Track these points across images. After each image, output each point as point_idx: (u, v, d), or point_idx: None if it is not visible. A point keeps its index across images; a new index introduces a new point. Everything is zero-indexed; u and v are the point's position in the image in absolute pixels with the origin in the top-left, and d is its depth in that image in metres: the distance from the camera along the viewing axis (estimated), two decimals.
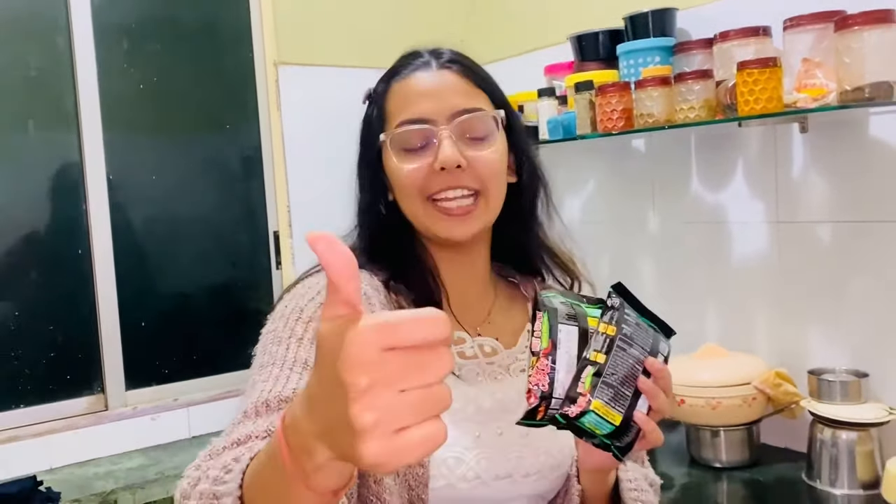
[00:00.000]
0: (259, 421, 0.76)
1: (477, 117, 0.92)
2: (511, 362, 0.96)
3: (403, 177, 0.91)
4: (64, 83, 2.07)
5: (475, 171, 0.91)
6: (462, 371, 0.92)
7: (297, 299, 0.89)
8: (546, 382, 0.79)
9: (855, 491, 1.50)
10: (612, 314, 0.82)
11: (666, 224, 2.00)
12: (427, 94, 0.92)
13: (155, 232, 2.22)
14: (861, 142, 1.58)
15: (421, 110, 0.91)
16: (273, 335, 0.87)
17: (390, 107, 0.94)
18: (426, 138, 0.91)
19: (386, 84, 0.96)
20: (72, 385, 2.09)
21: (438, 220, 0.91)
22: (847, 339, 1.64)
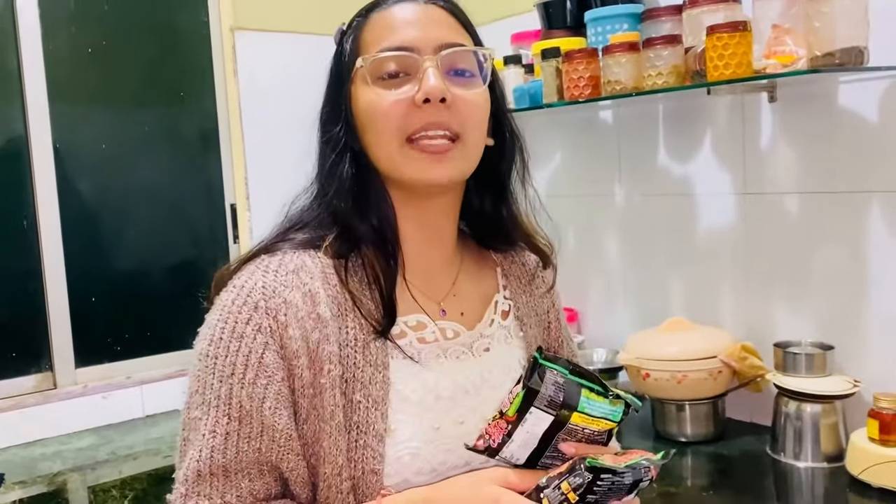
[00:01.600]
0: (227, 490, 0.78)
1: (464, 52, 0.84)
2: (474, 341, 0.90)
3: (380, 112, 0.82)
4: (6, 47, 1.97)
5: (458, 111, 0.82)
6: (421, 356, 0.85)
7: (233, 318, 0.80)
8: (497, 441, 0.78)
9: (819, 464, 1.49)
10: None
11: (632, 196, 1.97)
12: (412, 23, 0.84)
13: (106, 204, 2.13)
14: (830, 111, 1.56)
15: (404, 38, 0.83)
16: (214, 365, 0.79)
17: (368, 37, 0.85)
18: (409, 67, 0.82)
19: (363, 17, 0.87)
20: (18, 363, 2.01)
21: (414, 161, 0.82)
22: (813, 311, 1.62)
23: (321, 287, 0.82)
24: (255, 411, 0.78)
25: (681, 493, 1.41)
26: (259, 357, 0.78)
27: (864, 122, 1.51)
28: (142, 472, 1.73)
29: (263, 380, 0.78)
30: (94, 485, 1.68)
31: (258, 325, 0.79)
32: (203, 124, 2.28)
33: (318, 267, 0.83)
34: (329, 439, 0.79)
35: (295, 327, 0.79)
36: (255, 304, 0.79)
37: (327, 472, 0.80)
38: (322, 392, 0.79)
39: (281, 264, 0.82)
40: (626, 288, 2.01)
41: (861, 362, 1.54)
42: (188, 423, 0.81)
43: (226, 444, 0.78)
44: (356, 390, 0.80)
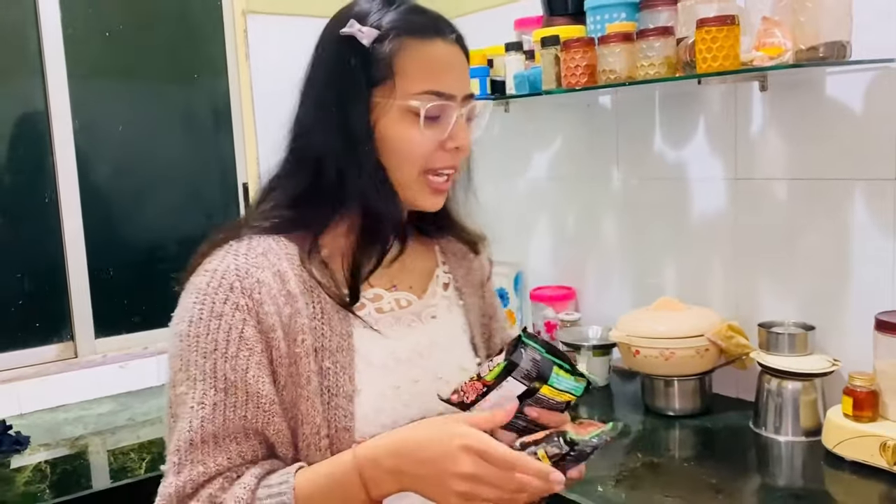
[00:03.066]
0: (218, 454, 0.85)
1: (475, 104, 0.96)
2: (422, 310, 1.01)
3: (412, 144, 0.90)
4: (27, 29, 2.05)
5: (465, 154, 0.96)
6: (379, 325, 0.95)
7: (210, 299, 0.87)
8: (471, 398, 0.88)
9: (798, 438, 1.57)
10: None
11: (628, 180, 2.04)
12: (452, 70, 0.92)
13: (123, 181, 2.22)
14: (817, 101, 1.61)
15: (448, 85, 0.91)
16: (196, 343, 0.86)
17: (408, 67, 0.90)
18: (445, 113, 0.91)
19: (397, 35, 0.90)
20: (41, 333, 2.11)
21: (426, 194, 0.94)
22: (797, 293, 1.69)
23: (288, 267, 0.90)
24: (239, 381, 0.85)
25: (664, 463, 1.49)
26: (239, 332, 0.86)
27: (850, 112, 1.57)
28: (158, 437, 1.82)
29: (245, 352, 0.86)
30: (114, 448, 1.78)
31: (235, 303, 0.86)
32: (216, 105, 2.35)
33: (282, 250, 0.91)
34: (307, 403, 0.88)
35: (269, 304, 0.87)
36: (230, 285, 0.87)
37: (306, 432, 0.89)
38: (297, 360, 0.88)
39: (249, 248, 0.90)
40: (621, 268, 2.09)
41: (840, 342, 1.61)
42: (175, 400, 0.88)
43: (214, 413, 0.85)
44: (325, 358, 0.90)
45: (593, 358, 1.91)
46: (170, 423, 0.89)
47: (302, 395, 0.88)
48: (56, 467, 1.67)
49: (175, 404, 0.88)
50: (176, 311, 0.91)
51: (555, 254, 2.28)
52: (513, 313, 2.39)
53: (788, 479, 1.48)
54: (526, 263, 2.37)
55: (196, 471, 0.84)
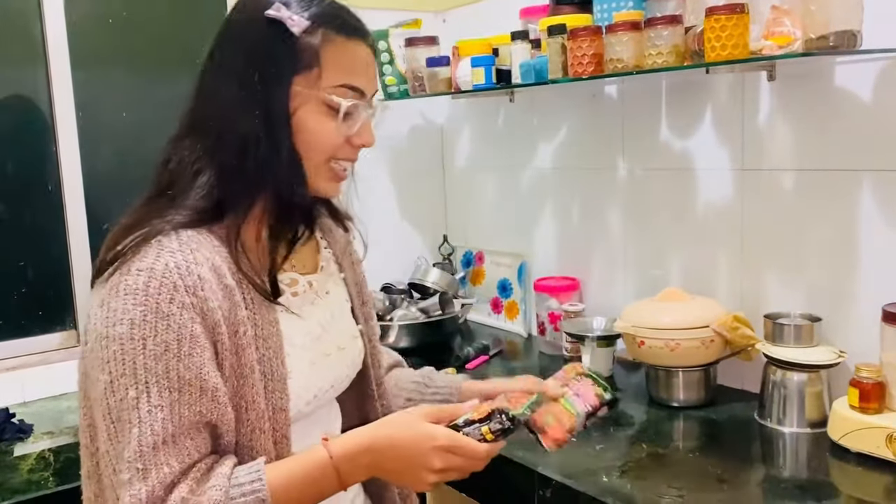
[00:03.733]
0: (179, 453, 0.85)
1: (377, 105, 1.03)
2: (319, 287, 1.08)
3: (322, 134, 0.95)
4: (30, 17, 2.03)
5: (367, 148, 1.02)
6: (295, 307, 1.01)
7: (153, 300, 0.85)
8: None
9: (803, 429, 1.56)
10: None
11: (634, 170, 2.03)
12: (368, 70, 0.99)
13: (126, 169, 2.21)
14: (826, 91, 1.60)
15: (362, 83, 0.98)
16: (144, 347, 0.85)
17: (330, 61, 0.95)
18: (357, 111, 0.98)
19: (326, 30, 0.95)
20: (44, 321, 2.11)
21: (327, 181, 1.00)
22: (803, 284, 1.68)
23: (221, 261, 0.92)
24: (194, 379, 0.86)
25: (669, 454, 1.49)
26: (190, 331, 0.86)
27: (859, 103, 1.55)
28: None
29: (198, 350, 0.87)
30: None
31: (181, 302, 0.86)
32: None
33: (210, 243, 0.93)
34: (252, 390, 0.92)
35: (212, 300, 0.89)
36: (173, 284, 0.86)
37: (251, 417, 0.92)
38: (241, 351, 0.91)
39: (181, 244, 0.89)
40: (626, 258, 2.08)
41: (847, 334, 1.60)
42: (119, 406, 0.85)
43: (171, 414, 0.85)
44: (261, 346, 0.94)
45: (597, 349, 1.91)
46: (109, 430, 0.86)
47: (247, 383, 0.92)
48: (59, 455, 1.67)
49: (120, 409, 0.85)
50: (100, 311, 0.87)
51: (559, 244, 2.27)
52: (516, 304, 2.39)
53: (793, 470, 1.47)
54: (530, 254, 2.36)
55: (162, 472, 0.84)
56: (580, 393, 1.12)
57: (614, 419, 1.70)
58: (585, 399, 1.12)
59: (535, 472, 1.44)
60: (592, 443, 1.53)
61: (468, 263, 2.56)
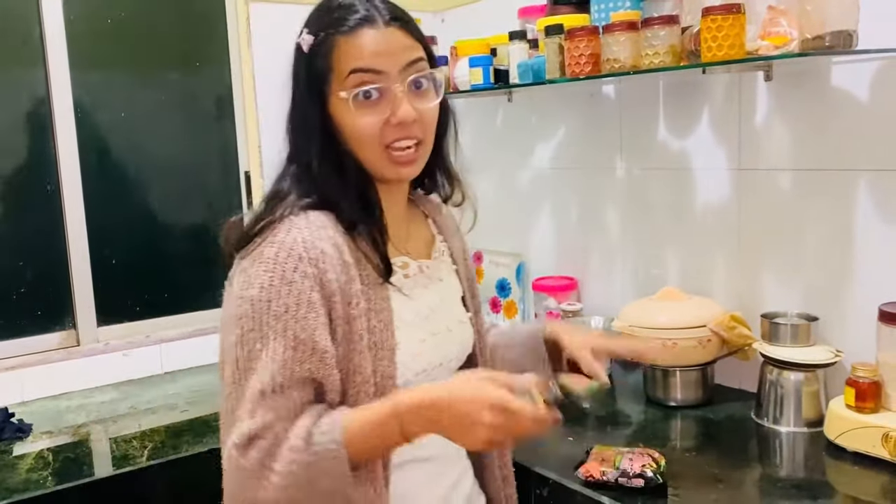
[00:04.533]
0: (284, 401, 0.96)
1: (423, 73, 1.05)
2: (433, 273, 1.16)
3: (362, 128, 1.02)
4: (29, 16, 2.04)
5: (422, 123, 1.05)
6: (406, 288, 1.10)
7: (281, 268, 0.97)
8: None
9: (799, 428, 1.57)
10: None
11: (632, 170, 2.03)
12: (379, 52, 1.01)
13: (125, 169, 2.22)
14: (823, 91, 1.60)
15: (375, 63, 1.01)
16: (269, 307, 0.97)
17: (339, 61, 1.02)
18: (381, 90, 1.01)
19: (329, 36, 1.03)
20: (43, 320, 2.11)
21: (391, 166, 1.05)
22: (800, 283, 1.69)
23: (342, 240, 1.02)
24: (308, 339, 0.97)
25: (666, 454, 1.48)
26: (308, 297, 0.97)
27: (855, 103, 1.56)
28: (160, 426, 1.82)
29: (312, 314, 0.97)
30: (116, 436, 1.78)
31: (304, 272, 0.98)
32: (219, 93, 2.35)
33: (334, 224, 1.03)
34: (360, 356, 1.01)
35: (331, 272, 0.99)
36: (298, 256, 0.98)
37: (357, 381, 1.02)
38: (352, 321, 1.01)
39: (309, 222, 1.01)
40: (623, 258, 2.08)
41: (843, 333, 1.61)
42: (246, 356, 0.97)
43: (283, 367, 0.96)
44: (373, 319, 1.03)
45: None
46: (235, 376, 0.98)
47: (355, 349, 1.01)
48: (58, 455, 1.67)
49: (246, 359, 0.97)
50: (239, 277, 1.01)
51: (557, 244, 2.28)
52: (515, 303, 2.39)
53: (790, 469, 1.48)
54: (528, 254, 2.37)
55: (268, 416, 0.95)
56: None
57: (612, 418, 1.71)
58: None
59: (531, 470, 1.44)
60: (590, 441, 1.53)
61: None
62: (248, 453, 0.94)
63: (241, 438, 0.95)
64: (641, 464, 1.35)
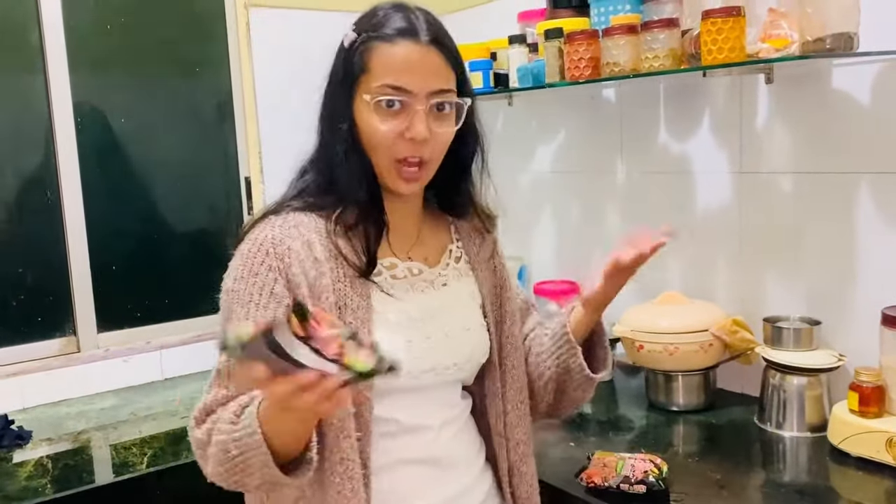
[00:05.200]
0: (231, 386, 1.02)
1: (448, 101, 1.06)
2: (435, 278, 1.15)
3: (377, 134, 1.05)
4: (28, 21, 2.04)
5: (433, 144, 1.06)
6: (393, 290, 1.10)
7: (250, 261, 1.05)
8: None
9: (803, 433, 1.56)
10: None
11: (632, 174, 2.02)
12: (412, 69, 1.03)
13: (126, 175, 2.21)
14: (824, 93, 1.60)
15: (405, 81, 1.03)
16: (236, 296, 1.04)
17: (374, 65, 1.04)
18: (404, 104, 1.04)
19: (370, 38, 1.05)
20: (44, 327, 2.11)
21: (395, 179, 1.07)
22: (803, 287, 1.68)
23: (316, 238, 1.06)
24: None
25: (668, 459, 1.47)
26: (271, 288, 1.03)
27: (857, 105, 1.55)
28: (160, 432, 1.82)
29: (274, 304, 1.02)
30: (116, 443, 1.78)
31: (269, 265, 1.04)
32: (219, 98, 2.34)
33: (312, 224, 1.08)
34: None
35: (296, 266, 1.04)
36: (266, 251, 1.04)
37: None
38: None
39: (284, 221, 1.07)
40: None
41: (846, 337, 1.60)
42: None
43: None
44: (347, 315, 1.05)
45: None
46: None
47: None
48: (58, 462, 1.66)
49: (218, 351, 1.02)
50: (226, 273, 1.08)
51: (558, 248, 2.27)
52: None
53: (793, 474, 1.47)
54: (529, 257, 2.36)
55: (221, 393, 1.02)
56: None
57: (613, 423, 1.70)
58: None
59: None
60: (591, 447, 1.52)
61: None
62: (200, 426, 1.02)
63: (197, 412, 1.03)
64: (643, 470, 1.34)
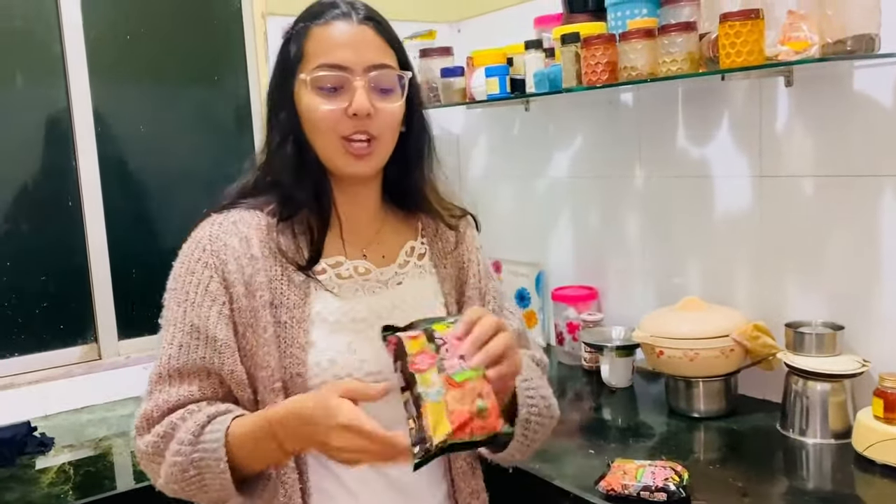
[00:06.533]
0: (181, 387, 1.02)
1: (387, 74, 1.05)
2: (389, 277, 1.13)
3: (319, 115, 1.03)
4: (49, 31, 2.06)
5: (379, 120, 1.04)
6: (339, 290, 1.08)
7: (188, 259, 1.06)
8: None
9: (826, 440, 1.54)
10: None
11: (651, 178, 2.01)
12: (347, 45, 1.03)
13: (145, 183, 2.23)
14: (845, 95, 1.58)
15: (341, 58, 1.02)
16: (174, 294, 1.05)
17: (310, 48, 1.04)
18: (342, 83, 1.03)
19: (306, 26, 1.05)
20: (65, 335, 2.12)
21: (346, 158, 1.05)
22: (825, 292, 1.66)
23: (255, 235, 1.06)
24: (202, 326, 1.02)
25: (689, 466, 1.46)
26: (206, 286, 1.03)
27: (878, 107, 1.53)
28: None
29: (209, 301, 1.03)
30: None
31: (205, 262, 1.04)
32: (237, 106, 2.36)
33: (254, 220, 1.08)
34: (263, 349, 1.03)
35: (233, 263, 1.04)
36: (203, 248, 1.05)
37: (263, 375, 1.02)
38: (256, 312, 1.03)
39: (225, 218, 1.08)
40: (644, 267, 2.06)
41: (870, 342, 1.58)
42: (159, 341, 1.06)
43: (179, 352, 1.02)
44: (283, 313, 1.04)
45: (616, 359, 1.89)
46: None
47: (259, 342, 1.03)
48: (80, 468, 1.68)
49: (159, 345, 1.05)
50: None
51: (577, 253, 2.26)
52: (534, 313, 2.37)
53: (817, 482, 1.45)
54: (547, 263, 2.35)
55: (161, 398, 1.01)
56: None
57: (633, 430, 1.68)
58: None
59: (551, 484, 1.43)
60: (611, 454, 1.51)
61: None
62: (144, 437, 1.01)
63: (139, 420, 1.02)
64: (664, 477, 1.33)
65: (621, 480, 1.34)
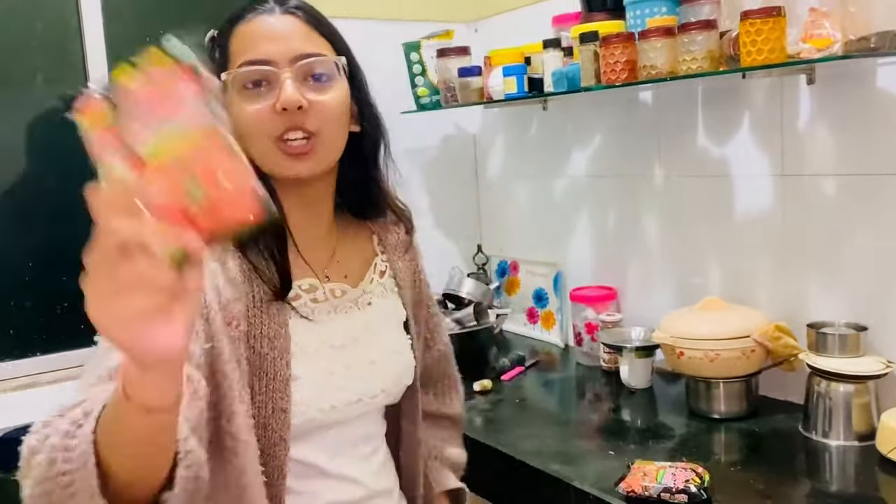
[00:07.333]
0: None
1: (318, 61, 0.96)
2: (359, 296, 1.07)
3: (247, 118, 0.94)
4: (71, 38, 2.08)
5: (315, 113, 0.95)
6: (315, 314, 1.01)
7: None
8: None
9: (850, 442, 1.52)
10: None
11: (671, 177, 2.00)
12: (270, 38, 0.95)
13: None
14: (868, 93, 1.56)
15: (263, 52, 0.94)
16: None
17: (233, 49, 0.97)
18: (267, 79, 0.94)
19: (229, 27, 0.99)
20: (85, 334, 2.13)
21: (283, 159, 0.96)
22: (848, 292, 1.64)
23: (230, 257, 0.95)
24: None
25: (710, 468, 1.45)
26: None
27: None
28: None
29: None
30: None
31: None
32: None
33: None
34: (239, 383, 0.91)
35: (210, 287, 0.91)
36: None
37: (239, 410, 0.91)
38: (232, 342, 0.92)
39: None
40: (663, 267, 2.05)
41: (895, 343, 1.55)
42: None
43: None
44: (263, 344, 0.95)
45: (636, 359, 1.88)
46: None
47: (235, 371, 0.91)
48: None
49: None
50: None
51: (595, 253, 2.25)
52: (552, 314, 2.36)
53: (840, 484, 1.43)
54: (566, 263, 2.34)
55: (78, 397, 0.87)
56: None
57: (653, 432, 1.67)
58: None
59: (570, 485, 1.42)
60: (631, 456, 1.50)
61: (503, 273, 2.55)
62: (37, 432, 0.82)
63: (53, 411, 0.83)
64: (684, 479, 1.32)
65: (641, 482, 1.33)
